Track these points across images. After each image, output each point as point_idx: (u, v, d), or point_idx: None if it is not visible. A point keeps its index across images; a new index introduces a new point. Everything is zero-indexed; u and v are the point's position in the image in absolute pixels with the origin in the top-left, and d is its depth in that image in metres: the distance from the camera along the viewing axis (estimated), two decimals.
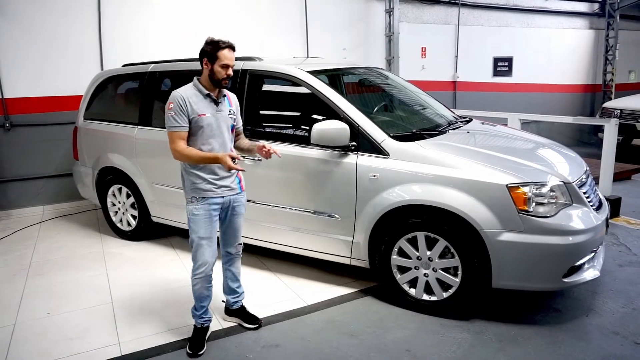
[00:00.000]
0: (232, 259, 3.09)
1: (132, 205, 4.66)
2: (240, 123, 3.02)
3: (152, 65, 4.54)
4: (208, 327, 2.99)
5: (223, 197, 2.84)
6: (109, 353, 2.89)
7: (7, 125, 5.62)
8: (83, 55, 5.89)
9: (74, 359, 2.83)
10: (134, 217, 4.70)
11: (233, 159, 2.65)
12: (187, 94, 2.73)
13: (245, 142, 3.08)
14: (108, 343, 2.99)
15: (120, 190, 4.71)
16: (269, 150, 2.86)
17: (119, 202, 4.76)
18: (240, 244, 3.08)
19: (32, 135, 5.81)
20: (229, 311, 3.20)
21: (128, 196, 4.67)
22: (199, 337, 2.91)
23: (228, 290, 3.16)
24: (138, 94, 4.62)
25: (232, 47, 2.77)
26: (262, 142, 2.97)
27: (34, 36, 5.64)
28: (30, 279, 3.95)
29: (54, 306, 3.47)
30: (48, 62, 5.70)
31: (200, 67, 2.79)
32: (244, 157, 3.19)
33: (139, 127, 4.45)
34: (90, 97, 4.97)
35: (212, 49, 2.72)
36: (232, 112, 2.90)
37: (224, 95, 2.87)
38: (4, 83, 5.58)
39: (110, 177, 4.72)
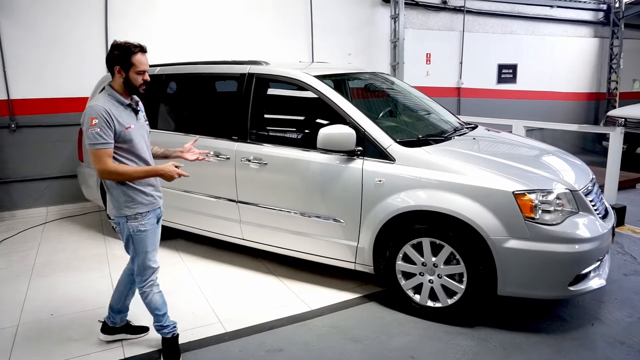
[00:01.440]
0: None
1: None
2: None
3: (158, 68, 4.54)
4: (178, 334, 2.87)
5: (160, 207, 2.78)
6: (111, 355, 2.88)
7: (13, 126, 5.64)
8: (89, 57, 5.91)
9: None
10: None
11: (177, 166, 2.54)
12: (109, 106, 2.49)
13: (156, 147, 2.93)
14: (111, 345, 2.98)
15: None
16: (194, 152, 2.81)
17: None
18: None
19: (37, 136, 5.82)
20: (114, 329, 3.01)
21: None
22: (173, 347, 2.82)
23: (122, 308, 2.98)
24: (143, 97, 4.62)
25: (144, 50, 2.58)
26: (187, 145, 2.90)
27: (40, 38, 5.66)
28: (34, 280, 3.95)
29: (57, 307, 3.46)
30: (54, 63, 5.73)
31: (208, 71, 2.76)
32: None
33: None
34: None
35: (123, 54, 2.50)
36: (146, 118, 2.77)
37: (137, 102, 2.71)
38: (10, 84, 5.60)
39: None
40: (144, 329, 3.09)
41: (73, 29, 5.79)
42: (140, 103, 2.75)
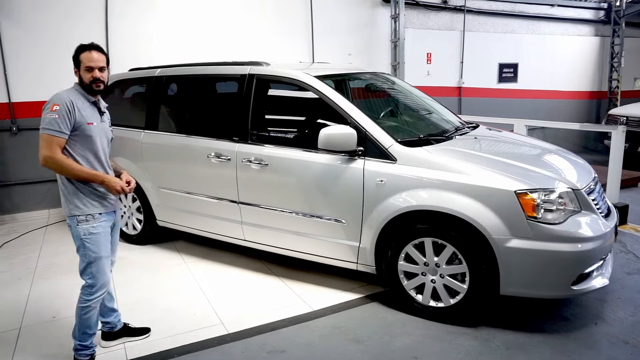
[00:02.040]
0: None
1: (138, 209, 4.66)
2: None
3: (159, 69, 4.55)
4: (95, 357, 2.78)
5: (115, 211, 2.72)
6: (113, 357, 2.88)
7: (14, 129, 5.64)
8: None
9: None
10: (139, 220, 4.70)
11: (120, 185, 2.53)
12: (74, 98, 2.53)
13: (113, 160, 2.87)
14: (113, 348, 2.97)
15: (126, 194, 4.70)
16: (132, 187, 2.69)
17: (125, 206, 4.76)
18: (115, 260, 2.91)
19: (38, 139, 5.81)
20: (112, 335, 2.98)
21: (134, 200, 4.67)
22: None
23: (107, 312, 2.93)
24: (145, 99, 4.64)
25: (95, 49, 2.58)
26: (127, 177, 2.74)
27: (40, 39, 5.67)
28: (36, 282, 3.95)
29: (59, 310, 3.46)
30: (54, 66, 5.71)
31: (209, 72, 2.77)
32: (250, 161, 3.12)
33: (145, 131, 4.46)
34: None
35: (75, 54, 2.58)
36: (110, 125, 2.77)
37: (105, 106, 2.73)
38: (11, 86, 5.61)
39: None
40: (146, 330, 3.08)
41: (73, 30, 5.79)
42: (105, 109, 2.75)
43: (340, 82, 4.18)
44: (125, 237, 4.82)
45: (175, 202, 4.30)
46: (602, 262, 3.03)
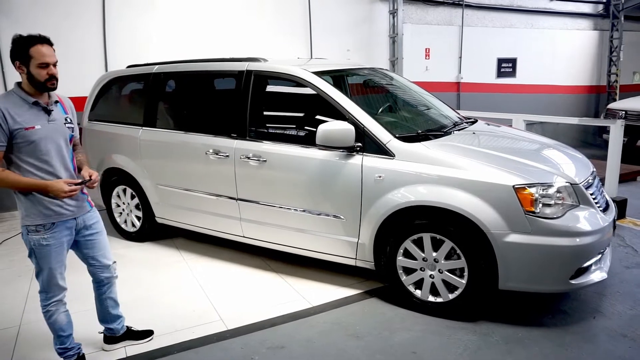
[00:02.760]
0: (108, 283, 2.77)
1: (137, 206, 4.66)
2: (77, 132, 2.55)
3: (157, 66, 4.54)
4: (84, 354, 2.74)
5: (76, 218, 2.51)
6: (114, 355, 2.89)
7: None
8: (87, 56, 5.90)
9: None
10: (138, 218, 4.70)
11: (70, 184, 2.32)
12: (7, 105, 2.29)
13: (80, 156, 2.64)
14: (112, 347, 2.97)
15: (124, 191, 4.71)
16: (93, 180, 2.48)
17: (124, 203, 4.76)
18: (115, 262, 2.78)
19: None
20: (115, 338, 2.92)
21: (132, 197, 4.67)
22: None
23: (111, 319, 2.86)
24: (142, 95, 4.62)
25: (45, 41, 2.32)
26: (88, 171, 2.54)
27: None
28: (35, 280, 3.94)
29: None
30: None
31: (206, 68, 2.72)
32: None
33: (143, 128, 4.45)
34: (94, 98, 4.98)
35: (20, 47, 2.28)
36: (69, 120, 2.50)
37: (56, 101, 2.47)
38: (9, 83, 5.60)
39: (114, 178, 4.72)
40: (149, 333, 3.02)
41: (72, 29, 5.79)
42: (61, 102, 2.52)
43: (338, 78, 4.17)
44: (124, 235, 4.83)
45: (174, 199, 4.29)
46: (600, 256, 3.03)
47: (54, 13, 5.70)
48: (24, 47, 2.29)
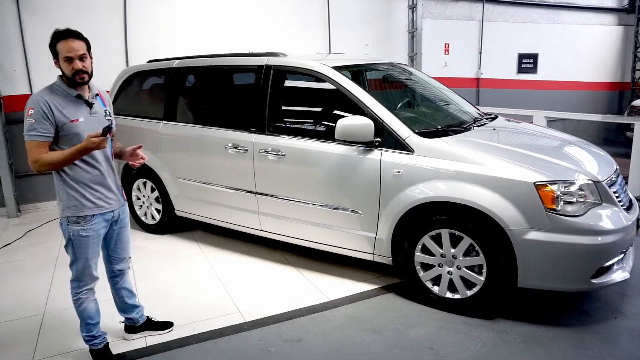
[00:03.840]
0: (121, 274, 2.84)
1: (157, 199, 4.72)
2: (114, 124, 2.62)
3: (177, 61, 4.58)
4: (108, 343, 2.78)
5: (113, 210, 2.60)
6: (134, 344, 2.94)
7: None
8: (109, 51, 5.98)
9: None
10: (158, 210, 4.76)
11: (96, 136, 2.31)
12: (52, 98, 2.36)
13: (118, 143, 2.78)
14: (133, 336, 3.03)
15: (145, 184, 4.78)
16: (140, 156, 2.66)
17: (144, 196, 4.83)
18: (130, 258, 2.87)
19: None
20: (135, 328, 2.99)
21: (152, 190, 4.73)
22: (107, 356, 2.73)
23: (128, 308, 2.93)
24: (163, 90, 4.68)
25: (72, 35, 2.35)
26: (132, 147, 2.72)
27: None
28: (58, 270, 4.04)
29: None
30: None
31: (226, 63, 2.72)
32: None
33: (163, 122, 4.50)
34: (116, 93, 5.05)
35: (50, 43, 2.36)
36: (108, 113, 2.59)
37: (96, 94, 2.55)
38: (33, 79, 5.71)
39: (135, 171, 4.79)
40: (169, 325, 3.07)
41: (94, 24, 5.86)
42: (100, 96, 2.59)
43: (357, 72, 4.17)
44: (144, 227, 4.90)
45: (193, 192, 4.34)
46: (623, 255, 2.98)
47: (77, 9, 5.78)
48: (52, 43, 2.37)
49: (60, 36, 2.35)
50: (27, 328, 3.16)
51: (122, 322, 3.02)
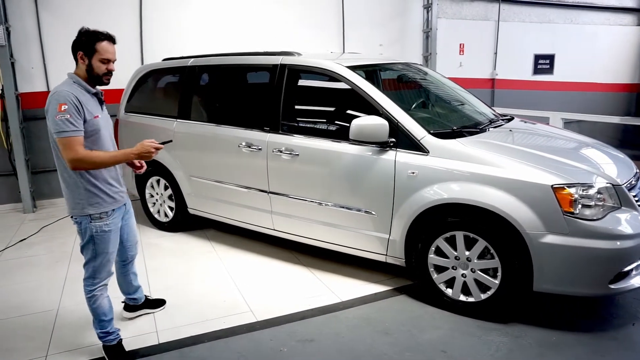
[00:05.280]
0: (132, 260, 3.00)
1: (170, 197, 4.75)
2: None
3: (192, 59, 4.60)
4: (122, 339, 2.81)
5: (125, 204, 2.74)
6: (146, 341, 2.96)
7: None
8: (124, 49, 5.99)
9: None
10: (171, 208, 4.79)
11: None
12: (77, 93, 2.41)
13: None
14: (146, 331, 3.06)
15: (158, 182, 4.81)
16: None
17: (157, 194, 4.86)
18: (138, 241, 3.02)
19: None
20: (135, 307, 3.17)
21: (166, 188, 4.76)
22: (121, 353, 2.75)
23: (133, 289, 3.10)
24: (177, 88, 4.70)
25: (112, 39, 2.51)
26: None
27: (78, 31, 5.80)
28: (72, 265, 4.08)
29: None
30: None
31: (240, 62, 2.73)
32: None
33: (178, 120, 4.52)
34: (131, 91, 5.08)
35: (88, 40, 2.43)
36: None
37: (102, 92, 2.63)
38: (50, 76, 5.78)
39: (149, 168, 4.77)
40: (162, 302, 3.27)
41: (110, 22, 5.83)
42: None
43: (371, 72, 4.14)
44: (157, 225, 4.93)
45: (206, 190, 4.36)
46: None
47: (93, 7, 5.83)
48: (91, 41, 2.45)
49: (103, 37, 2.47)
50: (42, 323, 3.19)
51: (123, 301, 3.16)
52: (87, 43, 2.44)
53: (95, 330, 2.76)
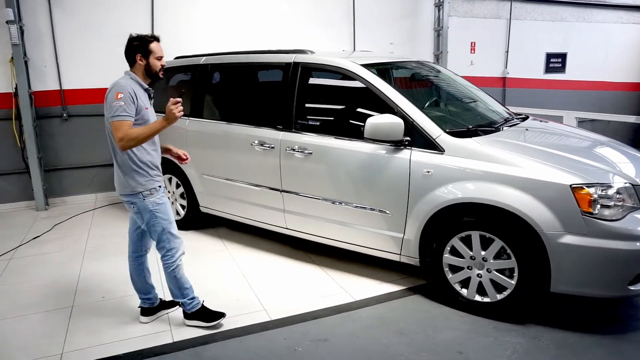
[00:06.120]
0: (146, 252, 3.13)
1: (182, 195, 4.75)
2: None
3: (204, 57, 4.60)
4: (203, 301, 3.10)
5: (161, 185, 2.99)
6: (161, 339, 2.96)
7: (65, 115, 5.84)
8: None
9: (127, 343, 2.91)
10: (182, 206, 4.79)
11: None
12: (133, 86, 2.74)
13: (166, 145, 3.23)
14: (160, 329, 3.05)
15: (170, 180, 4.81)
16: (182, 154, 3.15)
17: (169, 192, 4.86)
18: None
19: (86, 125, 5.99)
20: (153, 310, 3.18)
21: (178, 186, 4.76)
22: (208, 311, 3.06)
23: (149, 288, 3.15)
24: (189, 86, 4.70)
25: (159, 39, 2.88)
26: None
27: (90, 29, 5.83)
28: (86, 263, 4.10)
29: (108, 291, 3.58)
30: (102, 54, 5.86)
31: (253, 60, 2.76)
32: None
33: (190, 118, 4.52)
34: None
35: (142, 43, 2.79)
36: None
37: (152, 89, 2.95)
38: (63, 74, 5.80)
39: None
40: (174, 303, 3.21)
41: (122, 20, 5.92)
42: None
43: (383, 70, 4.10)
44: None
45: (219, 189, 4.35)
46: None
47: (106, 5, 5.85)
48: (145, 44, 2.79)
49: (153, 39, 2.84)
50: (56, 320, 3.20)
51: (140, 306, 3.15)
52: (142, 46, 2.78)
53: (182, 302, 3.00)
